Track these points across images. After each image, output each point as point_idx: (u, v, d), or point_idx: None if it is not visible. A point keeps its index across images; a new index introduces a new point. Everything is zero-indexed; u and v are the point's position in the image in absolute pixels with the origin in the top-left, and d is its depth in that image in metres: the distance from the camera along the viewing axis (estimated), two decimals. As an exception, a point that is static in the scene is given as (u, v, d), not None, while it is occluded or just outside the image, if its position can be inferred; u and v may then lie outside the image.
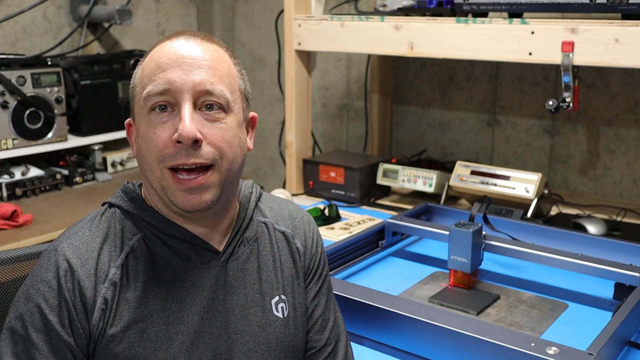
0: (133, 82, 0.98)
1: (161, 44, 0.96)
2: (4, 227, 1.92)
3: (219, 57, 0.96)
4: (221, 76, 0.94)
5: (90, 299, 0.90)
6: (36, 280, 0.92)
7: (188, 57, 0.93)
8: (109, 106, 2.51)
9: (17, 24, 2.49)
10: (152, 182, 0.94)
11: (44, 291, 0.90)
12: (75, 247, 0.93)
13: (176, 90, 0.91)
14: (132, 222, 0.97)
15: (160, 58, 0.93)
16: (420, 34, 1.95)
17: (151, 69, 0.93)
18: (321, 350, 1.09)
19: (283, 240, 1.09)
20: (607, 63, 1.65)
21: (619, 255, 1.62)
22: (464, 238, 1.50)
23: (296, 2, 2.21)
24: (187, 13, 3.17)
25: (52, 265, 0.92)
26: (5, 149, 2.18)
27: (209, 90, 0.92)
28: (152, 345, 0.92)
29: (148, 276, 0.94)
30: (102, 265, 0.93)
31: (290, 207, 1.14)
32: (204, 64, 0.93)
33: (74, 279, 0.91)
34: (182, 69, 0.91)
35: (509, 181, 1.96)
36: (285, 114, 2.34)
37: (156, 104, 0.91)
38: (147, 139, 0.92)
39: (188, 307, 0.95)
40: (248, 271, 1.02)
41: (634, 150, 2.23)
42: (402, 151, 2.76)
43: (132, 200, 0.99)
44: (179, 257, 0.97)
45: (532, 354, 1.10)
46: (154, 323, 0.93)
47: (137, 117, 0.95)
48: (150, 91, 0.91)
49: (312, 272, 1.11)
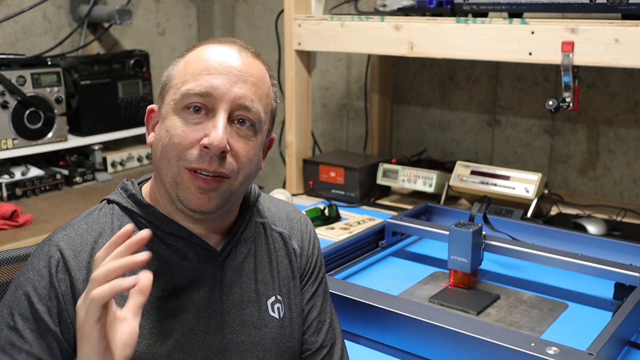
0: (170, 73, 0.97)
1: (212, 45, 0.96)
2: (4, 227, 1.92)
3: (264, 76, 0.97)
4: (261, 96, 0.95)
5: (80, 291, 0.89)
6: (28, 269, 0.92)
7: (237, 68, 0.93)
8: (109, 106, 2.51)
9: (17, 24, 2.48)
10: (165, 175, 0.93)
11: (34, 280, 0.90)
12: (69, 238, 0.94)
13: (217, 97, 0.91)
14: (130, 219, 0.97)
15: (210, 60, 0.93)
16: (420, 34, 1.95)
17: (197, 67, 0.93)
18: (316, 353, 1.09)
19: (280, 241, 1.09)
20: (607, 63, 1.65)
21: (619, 255, 1.62)
22: (464, 238, 1.50)
23: (296, 2, 2.21)
24: (187, 13, 3.17)
25: (44, 255, 0.92)
26: (5, 149, 2.18)
27: (248, 106, 0.92)
28: (146, 341, 0.92)
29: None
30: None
31: (288, 208, 1.15)
32: (250, 80, 0.93)
33: (65, 270, 0.91)
34: (229, 78, 0.92)
35: (509, 181, 1.96)
36: (285, 114, 2.34)
37: (193, 104, 0.91)
38: (174, 135, 0.91)
39: (184, 305, 0.96)
40: (244, 271, 1.02)
41: (634, 150, 2.23)
42: (402, 151, 2.76)
43: (130, 197, 0.99)
44: (176, 255, 0.97)
45: (532, 354, 1.10)
46: (149, 320, 0.93)
47: (166, 108, 0.95)
48: (191, 89, 0.91)
49: (308, 274, 1.11)
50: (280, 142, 2.98)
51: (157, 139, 0.95)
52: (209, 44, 0.97)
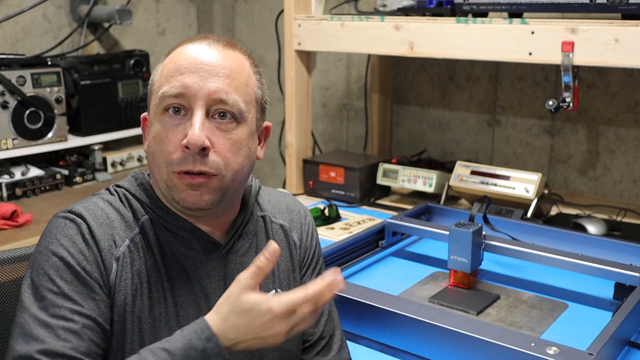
0: (152, 79, 0.99)
1: (184, 45, 0.97)
2: (4, 227, 1.92)
3: (239, 66, 0.96)
4: (237, 86, 0.94)
5: (107, 260, 0.92)
6: (56, 236, 0.92)
7: (207, 63, 0.93)
8: (109, 106, 2.51)
9: (17, 24, 2.48)
10: (159, 181, 0.96)
11: (67, 246, 0.90)
12: (90, 210, 0.95)
13: (191, 96, 0.91)
14: (139, 204, 0.99)
15: (180, 61, 0.94)
16: (420, 34, 1.95)
17: (170, 70, 0.94)
18: (315, 344, 1.10)
19: (281, 233, 1.10)
20: (607, 63, 1.65)
21: (619, 255, 1.62)
22: (464, 238, 1.50)
23: (296, 2, 2.21)
24: (187, 13, 3.17)
25: (70, 224, 0.92)
26: (5, 149, 2.18)
27: (223, 99, 0.92)
28: (157, 324, 0.94)
29: (154, 257, 0.96)
30: (118, 231, 0.94)
31: (288, 200, 1.15)
32: (222, 72, 0.93)
33: (93, 237, 0.92)
34: (200, 75, 0.92)
35: (509, 181, 1.96)
36: (285, 114, 2.34)
37: (170, 106, 0.93)
38: (159, 141, 0.93)
39: (187, 294, 0.97)
40: (245, 264, 1.02)
41: (634, 150, 2.23)
42: (402, 151, 2.76)
43: (140, 186, 1.00)
44: (182, 245, 0.98)
45: (532, 354, 1.10)
46: (160, 303, 0.95)
47: (152, 114, 0.97)
48: (166, 92, 0.92)
49: (306, 265, 1.12)
50: (280, 142, 2.98)
51: (148, 146, 0.97)
52: (182, 45, 0.97)
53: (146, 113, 1.01)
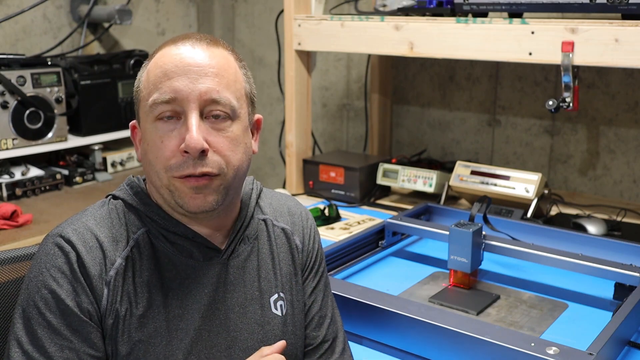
0: (137, 86, 0.97)
1: (167, 48, 0.95)
2: (4, 227, 1.92)
3: (226, 63, 0.95)
4: (227, 83, 0.93)
5: (97, 287, 0.90)
6: (45, 266, 0.91)
7: (194, 64, 0.92)
8: (109, 106, 2.51)
9: (17, 24, 2.49)
10: (159, 188, 0.94)
11: (57, 277, 0.90)
12: (79, 233, 0.93)
13: (182, 99, 0.90)
14: (135, 216, 0.97)
15: (166, 65, 0.92)
16: (420, 34, 1.95)
17: (157, 75, 0.92)
18: (318, 347, 1.10)
19: (282, 237, 1.09)
20: (607, 63, 1.65)
21: (619, 255, 1.62)
22: (464, 238, 1.50)
23: (296, 2, 2.21)
24: (187, 13, 3.17)
25: (59, 251, 0.91)
26: (5, 149, 2.18)
27: (216, 99, 0.91)
28: (151, 340, 0.93)
29: (151, 271, 0.95)
30: (108, 253, 0.93)
31: (290, 203, 1.15)
32: (210, 72, 0.92)
33: (83, 265, 0.90)
34: (189, 77, 0.91)
35: (509, 181, 1.96)
36: (285, 114, 2.34)
37: (162, 113, 0.91)
38: (155, 148, 0.92)
39: (189, 304, 0.96)
40: (248, 269, 1.02)
41: (634, 150, 2.23)
42: (402, 151, 2.76)
43: (136, 195, 0.99)
44: (182, 254, 0.97)
45: (532, 354, 1.10)
46: (155, 318, 0.93)
47: (143, 122, 0.95)
48: (157, 99, 0.91)
49: (309, 268, 1.11)
50: (280, 142, 2.98)
51: (143, 154, 0.96)
52: (164, 47, 0.95)
53: (135, 122, 0.99)
